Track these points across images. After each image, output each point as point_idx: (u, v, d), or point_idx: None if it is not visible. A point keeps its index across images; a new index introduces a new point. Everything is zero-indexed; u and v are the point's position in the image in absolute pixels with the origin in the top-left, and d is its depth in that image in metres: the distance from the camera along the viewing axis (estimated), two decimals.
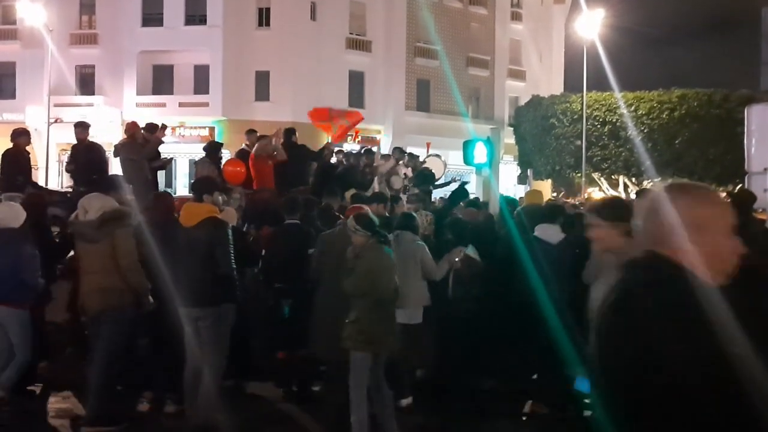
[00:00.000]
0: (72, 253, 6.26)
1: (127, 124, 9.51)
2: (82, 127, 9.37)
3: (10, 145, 9.10)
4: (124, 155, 8.92)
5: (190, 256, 5.21)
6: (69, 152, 9.64)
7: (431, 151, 14.84)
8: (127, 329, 5.56)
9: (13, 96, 31.64)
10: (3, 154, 9.15)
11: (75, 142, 9.57)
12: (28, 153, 9.31)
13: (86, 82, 31.78)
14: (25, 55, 31.12)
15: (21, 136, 9.09)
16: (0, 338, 5.73)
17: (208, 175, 7.16)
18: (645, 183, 24.13)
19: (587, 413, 5.75)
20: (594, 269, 5.89)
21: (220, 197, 5.82)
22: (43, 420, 5.85)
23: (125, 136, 9.22)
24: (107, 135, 29.60)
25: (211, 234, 5.20)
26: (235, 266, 5.29)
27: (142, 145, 9.16)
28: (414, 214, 6.75)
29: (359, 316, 4.95)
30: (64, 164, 9.26)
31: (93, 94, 31.31)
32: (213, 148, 10.08)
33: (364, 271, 4.96)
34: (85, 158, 9.05)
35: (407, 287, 5.84)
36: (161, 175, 14.75)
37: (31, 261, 5.71)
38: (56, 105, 28.67)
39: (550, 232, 6.18)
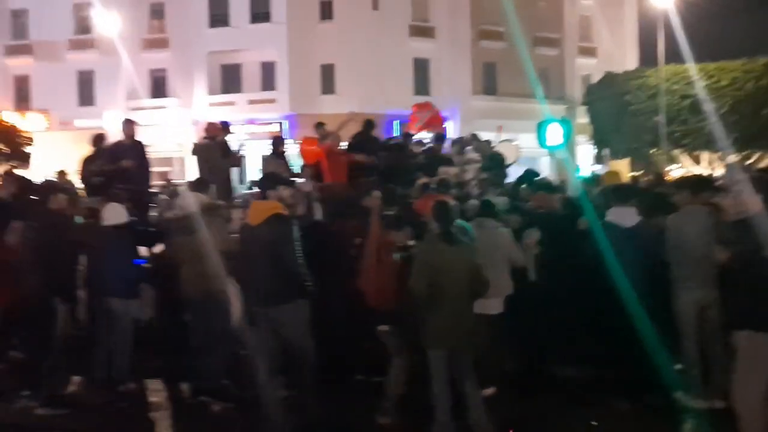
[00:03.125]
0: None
1: (209, 124, 9.57)
2: (132, 124, 9.48)
3: (91, 150, 9.51)
4: (205, 156, 9.01)
5: (259, 255, 5.15)
6: (109, 149, 9.40)
7: (504, 136, 14.44)
8: (224, 312, 5.95)
9: (92, 102, 32.99)
10: (84, 159, 9.52)
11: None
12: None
13: (159, 86, 32.80)
14: (102, 62, 32.35)
15: (100, 140, 9.56)
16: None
17: (272, 171, 7.15)
18: (730, 158, 22.83)
19: (675, 400, 5.47)
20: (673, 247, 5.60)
21: (286, 192, 5.72)
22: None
23: (205, 136, 9.31)
24: (179, 136, 30.64)
25: (275, 231, 5.12)
26: (301, 261, 5.18)
27: (223, 149, 9.23)
28: (493, 201, 6.55)
29: (430, 314, 4.77)
30: (108, 161, 9.16)
31: (165, 96, 32.30)
32: (274, 144, 10.18)
33: (417, 267, 4.78)
34: (137, 155, 9.17)
35: (492, 277, 5.63)
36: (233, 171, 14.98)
37: (132, 255, 6.43)
38: (132, 109, 29.68)
39: (625, 215, 5.85)
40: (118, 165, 8.86)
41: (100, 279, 6.26)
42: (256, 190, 7.65)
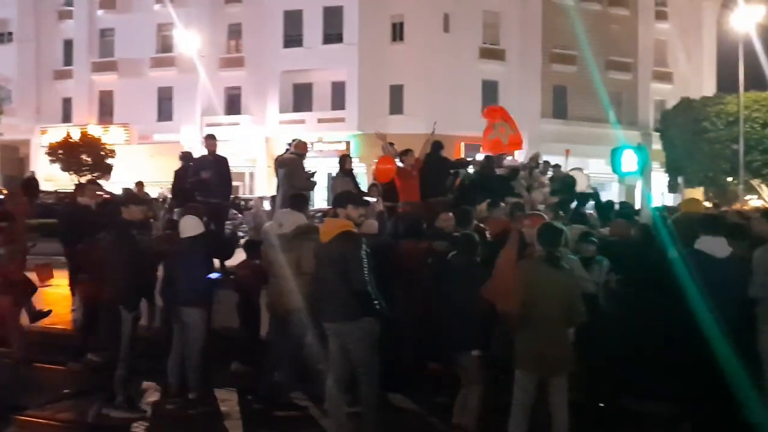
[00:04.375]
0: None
1: (300, 143, 9.85)
2: (213, 139, 9.86)
3: (180, 165, 10.30)
4: (290, 168, 9.25)
5: (329, 271, 5.22)
6: (193, 163, 9.91)
7: (572, 163, 14.18)
8: (301, 329, 6.07)
9: (170, 118, 34.33)
10: (176, 173, 10.27)
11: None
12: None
13: (233, 103, 33.85)
14: (180, 79, 33.66)
15: (189, 157, 10.37)
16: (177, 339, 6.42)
17: (348, 190, 7.22)
18: None
19: None
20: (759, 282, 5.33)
21: (354, 211, 5.71)
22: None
23: (292, 152, 9.55)
24: (251, 151, 31.47)
25: (344, 248, 5.19)
26: (368, 279, 5.14)
27: (303, 167, 9.52)
28: (563, 227, 6.42)
29: (523, 335, 4.75)
30: (191, 174, 9.57)
31: (239, 113, 33.28)
32: (342, 162, 10.34)
33: (518, 287, 4.76)
34: (219, 170, 9.50)
35: None
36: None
37: (205, 266, 6.53)
38: (207, 125, 30.71)
39: (715, 246, 5.61)
40: (199, 177, 9.20)
41: (174, 288, 6.42)
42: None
